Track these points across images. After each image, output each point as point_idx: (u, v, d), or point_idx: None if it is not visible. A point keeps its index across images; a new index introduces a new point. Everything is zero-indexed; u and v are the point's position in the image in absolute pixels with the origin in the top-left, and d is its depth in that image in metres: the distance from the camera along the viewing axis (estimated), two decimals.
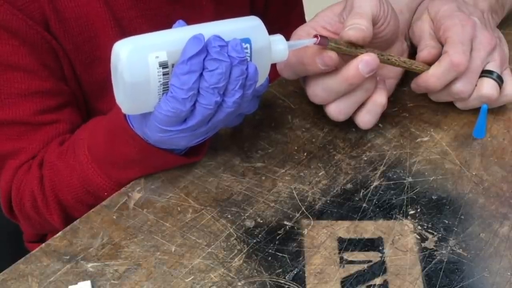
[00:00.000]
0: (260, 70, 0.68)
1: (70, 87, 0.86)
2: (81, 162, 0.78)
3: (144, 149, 0.73)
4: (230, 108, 0.67)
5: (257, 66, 0.67)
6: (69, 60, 0.84)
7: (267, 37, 0.68)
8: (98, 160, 0.77)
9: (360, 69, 0.73)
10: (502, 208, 0.74)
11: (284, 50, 0.70)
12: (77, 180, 0.79)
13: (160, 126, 0.67)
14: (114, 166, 0.76)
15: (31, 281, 0.68)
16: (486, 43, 0.79)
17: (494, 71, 0.79)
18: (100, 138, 0.77)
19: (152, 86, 0.64)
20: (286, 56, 0.70)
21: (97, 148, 0.77)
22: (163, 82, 0.64)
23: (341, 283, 0.67)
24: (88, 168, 0.78)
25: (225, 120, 0.69)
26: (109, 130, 0.76)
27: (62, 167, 0.80)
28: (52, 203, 0.82)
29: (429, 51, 0.80)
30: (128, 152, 0.74)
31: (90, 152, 0.78)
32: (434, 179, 0.77)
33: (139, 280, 0.68)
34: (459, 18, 0.80)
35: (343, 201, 0.75)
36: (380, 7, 0.74)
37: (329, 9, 0.78)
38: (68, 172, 0.80)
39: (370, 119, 0.78)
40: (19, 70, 0.81)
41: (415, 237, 0.71)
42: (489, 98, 0.79)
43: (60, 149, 0.82)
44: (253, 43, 0.67)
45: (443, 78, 0.78)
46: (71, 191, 0.80)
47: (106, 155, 0.76)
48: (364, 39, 0.72)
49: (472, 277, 0.68)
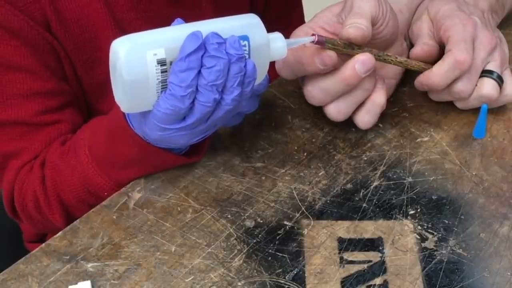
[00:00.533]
0: (258, 68, 0.67)
1: (72, 87, 0.86)
2: (81, 162, 0.78)
3: (144, 149, 0.73)
4: (228, 106, 0.67)
5: (255, 63, 0.67)
6: (70, 60, 0.84)
7: (265, 35, 0.68)
8: (98, 160, 0.77)
9: (356, 69, 0.73)
10: (502, 208, 0.74)
11: (282, 48, 0.69)
12: (78, 180, 0.79)
13: (159, 124, 0.67)
14: (114, 166, 0.76)
15: (31, 281, 0.68)
16: (486, 43, 0.79)
17: (494, 71, 0.80)
18: (101, 138, 0.77)
19: (150, 83, 0.64)
20: (285, 53, 0.70)
21: (97, 148, 0.77)
22: (161, 80, 0.64)
23: (341, 283, 0.67)
24: (88, 168, 0.78)
25: (224, 118, 0.69)
26: (109, 129, 0.76)
27: (64, 167, 0.80)
28: (54, 203, 0.82)
29: (422, 47, 0.80)
30: (128, 152, 0.74)
31: (91, 152, 0.78)
32: (434, 179, 0.77)
33: (139, 280, 0.68)
34: (460, 18, 0.80)
35: (343, 201, 0.75)
36: (379, 8, 0.74)
37: (328, 10, 0.78)
38: (69, 172, 0.80)
39: (369, 119, 0.78)
40: (20, 71, 0.81)
41: (415, 237, 0.71)
42: (489, 98, 0.79)
43: (62, 149, 0.82)
44: (251, 40, 0.67)
45: (447, 76, 0.78)
46: (73, 191, 0.80)
47: (106, 155, 0.76)
48: (363, 39, 0.72)
49: (472, 277, 0.68)
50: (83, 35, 0.83)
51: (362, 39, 0.72)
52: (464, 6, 0.83)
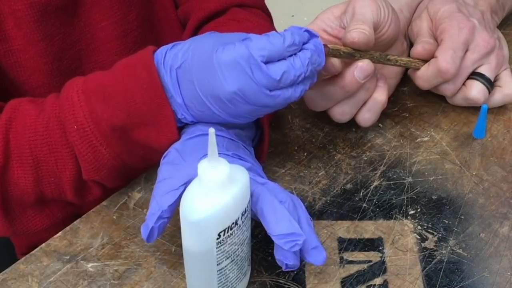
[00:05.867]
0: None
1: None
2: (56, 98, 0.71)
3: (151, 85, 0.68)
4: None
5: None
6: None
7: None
8: (86, 90, 0.70)
9: (356, 76, 0.74)
10: (502, 208, 0.74)
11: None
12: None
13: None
14: (104, 98, 0.69)
15: (31, 281, 0.68)
16: (482, 46, 0.80)
17: (485, 74, 0.80)
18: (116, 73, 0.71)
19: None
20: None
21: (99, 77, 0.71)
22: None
23: (341, 283, 0.67)
24: (71, 95, 0.70)
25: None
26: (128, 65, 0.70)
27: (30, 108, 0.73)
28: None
29: (423, 46, 0.80)
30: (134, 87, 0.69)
31: (85, 83, 0.71)
32: (434, 179, 0.77)
33: (139, 280, 0.68)
34: (458, 20, 0.80)
35: (343, 201, 0.75)
36: (380, 13, 0.75)
37: (329, 12, 0.78)
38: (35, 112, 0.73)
39: (370, 117, 0.78)
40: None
41: (415, 237, 0.71)
42: (475, 102, 0.81)
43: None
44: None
45: (429, 81, 0.80)
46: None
47: (103, 84, 0.70)
48: (367, 44, 0.73)
49: (472, 277, 0.68)
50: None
51: (366, 45, 0.73)
52: (464, 7, 0.83)
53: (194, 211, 0.59)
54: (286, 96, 0.65)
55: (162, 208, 0.64)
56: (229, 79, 0.64)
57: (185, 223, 0.60)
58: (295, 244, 0.62)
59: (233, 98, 0.65)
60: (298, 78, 0.65)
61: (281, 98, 0.65)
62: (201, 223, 0.59)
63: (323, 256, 0.64)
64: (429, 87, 0.81)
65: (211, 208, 0.58)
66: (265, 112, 0.68)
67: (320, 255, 0.64)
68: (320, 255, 0.64)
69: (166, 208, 0.64)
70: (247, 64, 0.63)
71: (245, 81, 0.64)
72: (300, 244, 0.62)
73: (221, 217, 0.59)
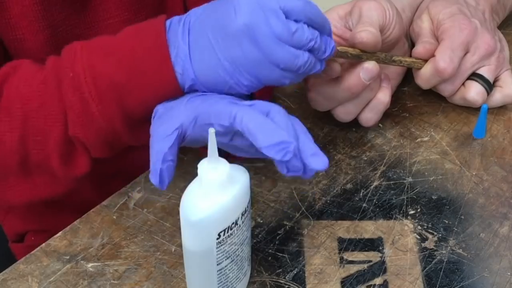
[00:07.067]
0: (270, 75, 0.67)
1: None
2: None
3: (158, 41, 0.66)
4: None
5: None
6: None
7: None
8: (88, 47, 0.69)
9: (361, 77, 0.74)
10: (502, 208, 0.74)
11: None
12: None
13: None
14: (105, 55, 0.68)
15: (31, 281, 0.68)
16: (483, 48, 0.80)
17: (485, 76, 0.80)
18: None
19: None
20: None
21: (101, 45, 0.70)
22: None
23: (341, 283, 0.67)
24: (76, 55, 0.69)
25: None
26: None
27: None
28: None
29: (424, 46, 0.80)
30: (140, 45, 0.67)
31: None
32: (434, 179, 0.77)
33: (139, 280, 0.68)
34: (459, 22, 0.80)
35: (343, 201, 0.75)
36: (386, 15, 0.75)
37: (334, 11, 0.78)
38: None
39: (372, 117, 0.78)
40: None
41: (415, 237, 0.71)
42: (474, 103, 0.81)
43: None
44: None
45: (428, 80, 0.80)
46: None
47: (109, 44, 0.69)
48: (375, 45, 0.73)
49: (472, 277, 0.68)
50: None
51: (374, 46, 0.73)
52: (466, 7, 0.83)
53: (194, 211, 0.59)
54: (294, 53, 0.63)
55: (163, 151, 0.63)
56: (242, 12, 0.62)
57: (185, 223, 0.60)
58: (286, 152, 0.59)
59: (241, 34, 0.62)
60: (309, 43, 0.63)
61: (290, 53, 0.63)
62: (201, 223, 0.59)
63: (323, 161, 0.62)
64: (429, 87, 0.82)
65: (211, 208, 0.58)
66: (269, 75, 0.65)
67: (320, 160, 0.62)
68: (320, 160, 0.62)
69: (167, 151, 0.63)
70: (264, 8, 0.62)
71: (257, 20, 0.62)
72: (291, 151, 0.60)
73: (221, 217, 0.59)
